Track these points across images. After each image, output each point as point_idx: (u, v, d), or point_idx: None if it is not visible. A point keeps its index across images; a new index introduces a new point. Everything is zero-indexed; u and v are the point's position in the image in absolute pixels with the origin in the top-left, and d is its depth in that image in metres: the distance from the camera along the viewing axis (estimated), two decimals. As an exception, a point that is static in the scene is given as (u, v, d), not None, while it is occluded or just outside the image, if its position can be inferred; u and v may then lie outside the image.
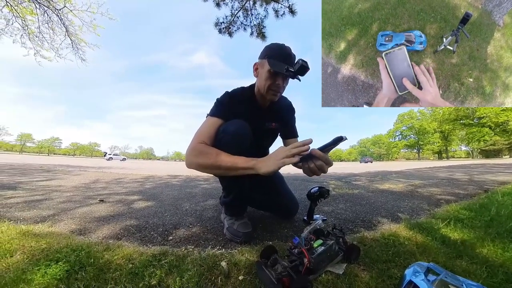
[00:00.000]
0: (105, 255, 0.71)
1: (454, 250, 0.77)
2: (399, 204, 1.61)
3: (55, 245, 0.78)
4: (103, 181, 2.97)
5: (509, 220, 1.05)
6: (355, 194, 2.03)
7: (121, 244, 0.82)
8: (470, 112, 40.90)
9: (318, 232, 0.72)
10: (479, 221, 1.06)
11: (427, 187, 2.43)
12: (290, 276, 0.56)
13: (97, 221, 1.16)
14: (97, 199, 1.69)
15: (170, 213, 1.34)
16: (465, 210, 1.27)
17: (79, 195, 1.89)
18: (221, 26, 4.43)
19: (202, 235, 0.97)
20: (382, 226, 1.09)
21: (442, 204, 1.56)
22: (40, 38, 4.73)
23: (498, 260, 0.70)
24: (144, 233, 0.99)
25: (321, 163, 0.68)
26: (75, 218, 1.21)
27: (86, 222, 1.14)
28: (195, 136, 0.89)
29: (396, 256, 0.72)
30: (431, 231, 0.94)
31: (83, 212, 1.33)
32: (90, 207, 1.46)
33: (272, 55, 0.90)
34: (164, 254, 0.73)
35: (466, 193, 2.04)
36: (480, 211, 1.23)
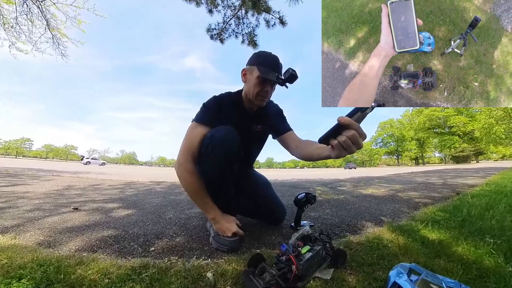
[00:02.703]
0: (77, 269, 0.64)
1: (432, 250, 0.81)
2: (381, 208, 1.67)
3: (18, 259, 0.69)
4: (78, 187, 2.76)
5: (479, 220, 1.14)
6: (341, 199, 2.08)
7: (97, 257, 0.75)
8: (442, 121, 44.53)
9: (306, 238, 0.72)
10: (453, 222, 1.13)
11: (407, 191, 2.57)
12: (278, 284, 0.55)
13: (70, 232, 1.06)
14: (71, 207, 1.56)
15: (152, 222, 1.27)
16: (440, 212, 1.35)
17: (49, 202, 1.72)
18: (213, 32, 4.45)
19: (186, 245, 0.93)
20: (367, 230, 1.12)
21: (420, 207, 1.65)
22: (17, 29, 4.33)
23: (472, 257, 0.75)
24: (123, 244, 0.92)
25: (353, 133, 0.52)
26: (43, 228, 1.10)
27: (57, 233, 1.04)
28: (184, 148, 0.92)
29: (381, 259, 0.74)
30: (411, 233, 0.98)
31: (53, 222, 1.21)
32: (62, 216, 1.33)
33: (262, 63, 0.92)
34: (145, 266, 0.68)
35: (441, 196, 2.18)
36: (454, 212, 1.31)
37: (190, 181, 0.90)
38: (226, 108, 0.98)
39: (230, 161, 0.88)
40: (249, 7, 4.12)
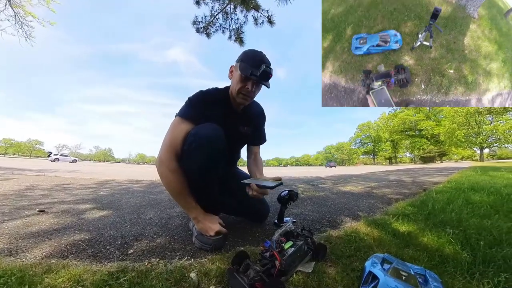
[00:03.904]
0: (45, 278, 0.59)
1: (403, 241, 0.88)
2: (358, 203, 1.78)
3: (-30, 271, 0.61)
4: (43, 187, 2.50)
5: (441, 213, 1.27)
6: (321, 196, 2.17)
7: (68, 264, 0.69)
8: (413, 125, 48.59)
9: (288, 234, 0.74)
10: (420, 215, 1.25)
11: (381, 188, 2.76)
12: (262, 280, 0.56)
13: (35, 237, 0.96)
14: (36, 210, 1.41)
15: (130, 223, 1.20)
16: (410, 207, 1.48)
17: (9, 205, 1.54)
18: (199, 26, 4.30)
19: (168, 246, 0.90)
20: (345, 224, 1.19)
21: (392, 202, 1.79)
22: None
23: (435, 246, 0.83)
24: (98, 248, 0.86)
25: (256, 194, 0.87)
26: (2, 234, 0.98)
27: (19, 238, 0.94)
28: (167, 145, 0.87)
29: (358, 251, 0.79)
30: (384, 226, 1.06)
31: (14, 227, 1.09)
32: (25, 220, 1.20)
33: (244, 59, 0.91)
34: (123, 270, 0.65)
35: (410, 192, 2.39)
36: (421, 207, 1.45)
37: (172, 180, 0.87)
38: (212, 104, 0.95)
39: (215, 160, 0.86)
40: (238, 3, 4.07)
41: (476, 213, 1.28)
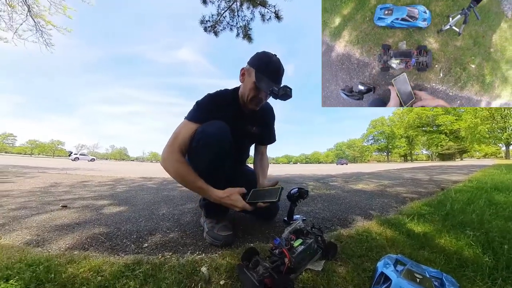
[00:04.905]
0: (68, 268, 0.63)
1: (417, 242, 0.85)
2: (371, 202, 1.73)
3: (4, 260, 0.67)
4: (65, 184, 2.67)
5: (461, 213, 1.20)
6: (332, 194, 2.14)
7: (88, 255, 0.74)
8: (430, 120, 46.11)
9: (298, 232, 0.73)
10: (437, 215, 1.19)
11: (395, 187, 2.66)
12: (272, 276, 0.56)
13: (59, 230, 1.03)
14: (59, 205, 1.52)
15: (145, 218, 1.25)
16: (426, 206, 1.42)
17: (36, 200, 1.67)
18: (207, 25, 4.34)
19: (180, 241, 0.93)
20: (357, 224, 1.16)
21: (407, 202, 1.72)
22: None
23: (453, 248, 0.79)
24: (115, 242, 0.91)
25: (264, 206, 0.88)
26: (31, 227, 1.06)
27: (45, 231, 1.01)
28: (173, 139, 0.88)
29: (369, 251, 0.77)
30: (398, 226, 1.03)
31: (41, 220, 1.17)
32: (50, 214, 1.30)
33: (260, 68, 0.89)
34: (139, 263, 0.68)
35: (426, 191, 2.28)
36: (438, 207, 1.38)
37: (180, 168, 0.84)
38: (221, 107, 0.95)
39: (222, 156, 0.87)
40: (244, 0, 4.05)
41: (500, 215, 1.20)
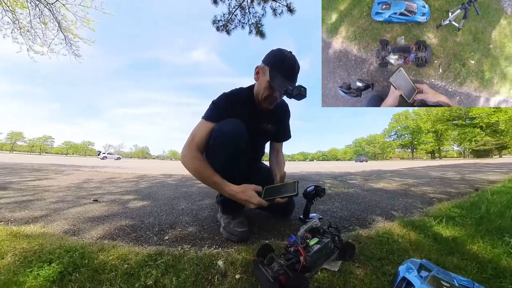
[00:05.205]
0: (99, 255, 0.70)
1: (445, 247, 0.79)
2: (393, 202, 1.64)
3: (47, 246, 0.76)
4: (96, 180, 2.92)
5: (498, 218, 1.09)
6: (351, 193, 2.06)
7: (116, 245, 0.81)
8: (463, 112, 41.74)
9: (314, 231, 0.72)
10: (470, 219, 1.09)
11: (420, 186, 2.48)
12: (286, 274, 0.56)
13: (91, 221, 1.14)
14: (91, 199, 1.67)
15: (166, 213, 1.33)
16: (456, 208, 1.30)
17: (71, 195, 1.85)
18: (219, 24, 4.39)
19: (198, 235, 0.97)
20: (377, 224, 1.11)
21: (434, 203, 1.59)
22: (32, 33, 4.58)
23: (488, 256, 0.72)
24: (139, 233, 0.98)
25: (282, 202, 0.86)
26: (68, 218, 1.19)
27: (80, 222, 1.13)
28: (191, 138, 0.91)
29: (390, 253, 0.74)
30: (423, 228, 0.96)
31: (76, 212, 1.30)
32: (84, 207, 1.43)
33: (275, 66, 0.88)
34: (160, 254, 0.73)
35: (457, 191, 2.09)
36: (471, 209, 1.26)
37: (198, 165, 0.86)
38: (236, 106, 0.96)
39: (237, 153, 0.88)
40: (255, -4, 4.01)
41: (547, 219, 1.06)
